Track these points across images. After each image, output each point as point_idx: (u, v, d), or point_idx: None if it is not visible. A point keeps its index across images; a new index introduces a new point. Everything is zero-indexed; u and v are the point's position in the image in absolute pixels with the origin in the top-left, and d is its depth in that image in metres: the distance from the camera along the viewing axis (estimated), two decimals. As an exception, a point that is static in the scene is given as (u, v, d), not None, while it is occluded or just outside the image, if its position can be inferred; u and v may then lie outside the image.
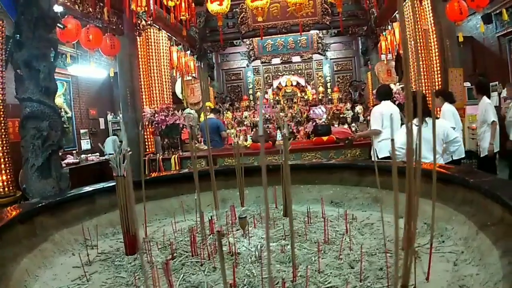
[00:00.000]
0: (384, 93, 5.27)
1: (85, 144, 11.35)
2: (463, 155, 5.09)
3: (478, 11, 7.35)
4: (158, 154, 6.31)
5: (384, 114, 4.94)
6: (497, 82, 10.24)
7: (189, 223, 2.47)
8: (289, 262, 1.75)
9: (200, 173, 2.13)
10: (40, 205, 2.24)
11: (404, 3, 7.67)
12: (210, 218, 2.30)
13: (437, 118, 4.56)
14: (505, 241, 1.41)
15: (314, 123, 6.09)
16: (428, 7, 7.16)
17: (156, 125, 6.33)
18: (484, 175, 2.09)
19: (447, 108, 5.37)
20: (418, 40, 7.12)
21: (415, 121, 3.76)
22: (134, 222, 1.97)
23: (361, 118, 8.57)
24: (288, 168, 1.70)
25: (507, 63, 9.82)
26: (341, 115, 8.61)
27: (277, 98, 12.41)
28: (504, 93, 9.48)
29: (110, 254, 2.11)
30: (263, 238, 2.07)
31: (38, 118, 4.78)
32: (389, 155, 4.88)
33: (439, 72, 6.99)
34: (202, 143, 7.64)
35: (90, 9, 6.26)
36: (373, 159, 5.04)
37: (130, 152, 1.90)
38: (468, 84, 10.78)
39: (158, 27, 8.19)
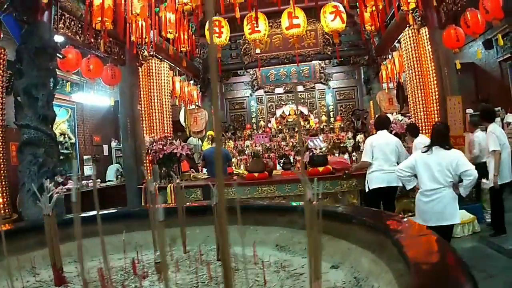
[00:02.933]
0: (380, 123, 5.29)
1: (88, 170, 11.41)
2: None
3: (474, 37, 7.38)
4: (154, 183, 6.28)
5: (374, 145, 4.94)
6: (499, 108, 10.20)
7: (127, 261, 2.39)
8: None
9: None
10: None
11: (403, 32, 7.75)
12: (132, 259, 2.22)
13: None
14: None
15: (311, 153, 6.06)
16: (426, 35, 7.21)
17: (154, 154, 6.36)
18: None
19: (419, 141, 5.28)
20: (416, 69, 7.23)
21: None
22: (59, 258, 2.04)
23: (362, 147, 8.54)
24: (223, 208, 1.59)
25: (509, 88, 9.81)
26: (341, 145, 8.58)
27: (280, 127, 12.45)
28: (507, 118, 9.43)
29: (43, 283, 2.13)
30: (178, 284, 1.98)
31: (35, 144, 4.87)
32: (379, 186, 4.86)
33: (437, 100, 6.97)
34: (202, 172, 7.64)
35: (92, 40, 6.40)
36: (366, 190, 5.06)
37: (57, 194, 1.93)
38: (470, 110, 10.75)
39: (160, 57, 8.35)
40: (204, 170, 7.96)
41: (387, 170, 4.87)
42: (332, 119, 13.10)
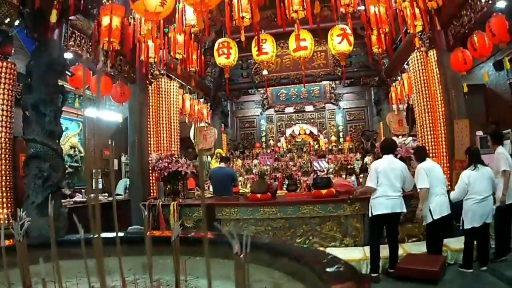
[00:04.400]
0: (386, 147, 5.24)
1: (98, 183, 11.47)
2: (445, 213, 4.95)
3: (481, 60, 7.33)
4: (158, 200, 6.33)
5: (380, 171, 4.90)
6: (509, 130, 10.05)
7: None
8: None
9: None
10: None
11: (412, 54, 7.74)
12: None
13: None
14: None
15: (315, 176, 6.03)
16: (434, 57, 7.19)
17: (159, 171, 6.40)
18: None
19: (419, 167, 5.22)
20: (424, 92, 7.20)
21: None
22: (29, 278, 2.10)
23: (369, 169, 8.47)
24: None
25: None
26: (348, 166, 8.53)
27: (289, 146, 12.46)
28: (517, 140, 9.28)
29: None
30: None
31: (41, 158, 4.95)
32: (383, 212, 4.80)
33: (444, 123, 6.92)
34: (207, 191, 7.65)
35: (102, 57, 6.51)
36: (369, 215, 5.00)
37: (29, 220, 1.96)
38: (480, 133, 10.62)
39: (171, 76, 8.47)
40: (211, 188, 7.98)
41: (392, 196, 4.82)
42: (341, 140, 13.06)
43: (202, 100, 11.42)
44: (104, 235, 2.32)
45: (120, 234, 2.38)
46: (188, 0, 3.75)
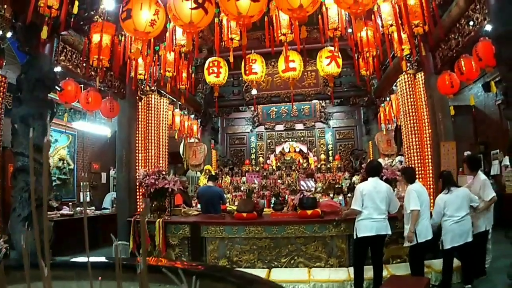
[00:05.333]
0: (372, 170, 5.26)
1: (85, 196, 11.47)
2: (430, 237, 4.99)
3: (468, 83, 7.45)
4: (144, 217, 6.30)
5: (365, 193, 4.94)
6: (498, 150, 10.19)
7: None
8: None
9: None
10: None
11: (400, 77, 7.85)
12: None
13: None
14: None
15: (301, 195, 6.05)
16: (422, 80, 7.28)
17: (146, 187, 6.38)
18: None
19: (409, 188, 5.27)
20: (411, 114, 7.28)
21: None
22: None
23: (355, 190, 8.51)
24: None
25: (507, 131, 9.82)
26: (336, 185, 8.58)
27: (278, 164, 12.50)
28: (505, 161, 9.42)
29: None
30: None
31: (28, 172, 4.93)
32: (368, 235, 4.84)
33: (430, 145, 7.00)
34: (193, 208, 7.63)
35: (92, 73, 6.54)
36: (354, 237, 5.03)
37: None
38: (468, 153, 10.74)
39: (161, 92, 8.50)
40: (199, 205, 7.97)
41: (377, 219, 4.86)
42: (331, 158, 13.13)
43: (192, 116, 11.46)
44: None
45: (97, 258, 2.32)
46: (177, 22, 3.80)
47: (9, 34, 5.38)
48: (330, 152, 13.71)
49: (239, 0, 3.57)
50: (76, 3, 4.52)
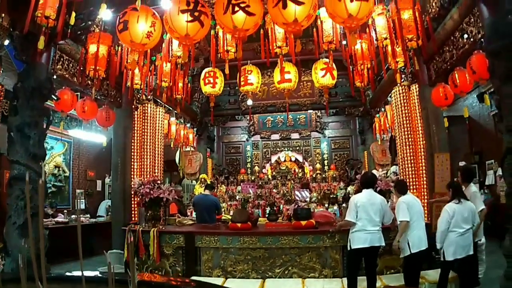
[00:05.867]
0: (366, 182, 5.27)
1: (80, 204, 11.46)
2: (423, 247, 5.01)
3: (462, 96, 7.49)
4: (139, 226, 6.30)
5: (359, 205, 4.96)
6: (492, 160, 10.25)
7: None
8: None
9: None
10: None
11: (394, 88, 7.91)
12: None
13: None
14: None
15: (296, 206, 6.07)
16: (416, 92, 7.34)
17: (141, 196, 6.39)
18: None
19: (400, 200, 5.30)
20: (406, 125, 7.33)
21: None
22: None
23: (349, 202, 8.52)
24: None
25: (502, 141, 9.84)
26: (331, 195, 8.59)
27: (273, 173, 12.52)
28: (499, 171, 9.47)
29: None
30: None
31: (23, 180, 4.94)
32: (361, 246, 4.86)
33: (424, 157, 7.04)
34: (188, 217, 7.63)
35: (89, 82, 6.57)
36: (348, 248, 5.05)
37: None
38: (463, 163, 10.79)
39: (157, 101, 8.54)
40: (194, 214, 7.97)
41: (370, 231, 4.88)
42: (326, 168, 13.17)
43: (188, 125, 11.50)
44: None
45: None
46: (174, 34, 3.85)
47: (6, 42, 5.41)
48: (326, 162, 13.73)
49: (235, 14, 3.62)
50: (73, 14, 4.55)
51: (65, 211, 10.17)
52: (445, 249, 4.96)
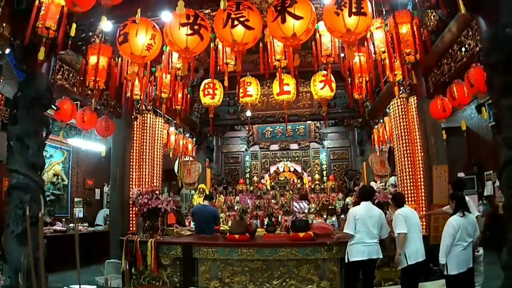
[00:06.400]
0: (364, 194, 5.32)
1: (78, 213, 11.48)
2: (421, 259, 5.01)
3: (460, 109, 7.51)
4: (136, 236, 6.29)
5: (357, 218, 4.98)
6: (491, 171, 10.26)
7: None
8: None
9: None
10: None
11: (392, 101, 7.94)
12: None
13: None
14: None
15: (294, 217, 6.08)
16: (414, 104, 7.36)
17: (139, 206, 6.40)
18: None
19: (397, 212, 5.29)
20: (404, 137, 7.35)
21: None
22: None
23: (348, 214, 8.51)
24: None
25: (500, 152, 9.84)
26: (330, 206, 8.60)
27: (272, 184, 12.53)
28: (498, 182, 9.47)
29: None
30: None
31: (22, 189, 4.97)
32: (359, 259, 4.87)
33: (422, 169, 7.05)
34: (186, 228, 7.62)
35: (89, 92, 6.60)
36: (346, 261, 5.06)
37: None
38: (462, 174, 10.79)
39: (157, 111, 8.55)
40: (192, 224, 7.96)
41: (368, 243, 4.91)
42: (325, 178, 13.18)
43: (187, 135, 11.53)
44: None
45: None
46: (174, 47, 3.89)
47: (7, 50, 5.44)
48: (324, 172, 13.77)
49: (234, 28, 3.67)
50: (74, 25, 4.58)
51: (63, 219, 10.16)
52: (449, 262, 4.86)
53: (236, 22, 3.70)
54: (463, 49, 5.58)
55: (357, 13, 3.66)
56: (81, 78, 5.89)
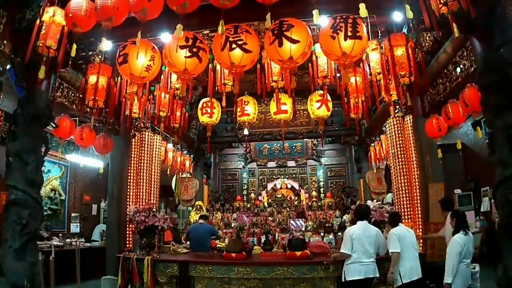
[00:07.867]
0: (361, 214, 5.34)
1: (75, 228, 11.47)
2: (415, 277, 5.02)
3: (455, 128, 7.53)
4: (133, 254, 6.29)
5: (354, 237, 5.01)
6: (488, 187, 10.27)
7: None
8: None
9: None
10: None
11: (388, 120, 8.01)
12: None
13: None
14: None
15: (291, 236, 6.09)
16: (410, 122, 7.42)
17: (136, 224, 6.40)
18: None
19: (391, 231, 5.32)
20: (400, 156, 7.39)
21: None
22: None
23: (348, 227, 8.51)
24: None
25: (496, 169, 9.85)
26: (327, 224, 8.59)
27: (269, 201, 12.53)
28: (495, 198, 9.47)
29: None
30: None
31: (20, 205, 4.97)
32: (356, 278, 4.88)
33: (419, 187, 7.08)
34: (183, 245, 7.61)
35: (88, 110, 6.64)
36: (342, 280, 5.07)
37: None
38: (459, 191, 10.80)
39: (155, 129, 8.60)
40: (188, 242, 7.95)
41: (365, 262, 4.93)
42: (322, 195, 13.19)
43: (185, 152, 11.57)
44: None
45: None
46: (173, 68, 3.96)
47: (8, 66, 5.50)
48: (322, 189, 13.80)
49: (232, 51, 3.74)
50: (74, 46, 4.66)
51: (60, 234, 10.12)
52: (454, 282, 4.79)
53: (234, 46, 3.79)
54: (458, 69, 5.62)
55: (353, 36, 3.76)
56: (81, 97, 5.94)
